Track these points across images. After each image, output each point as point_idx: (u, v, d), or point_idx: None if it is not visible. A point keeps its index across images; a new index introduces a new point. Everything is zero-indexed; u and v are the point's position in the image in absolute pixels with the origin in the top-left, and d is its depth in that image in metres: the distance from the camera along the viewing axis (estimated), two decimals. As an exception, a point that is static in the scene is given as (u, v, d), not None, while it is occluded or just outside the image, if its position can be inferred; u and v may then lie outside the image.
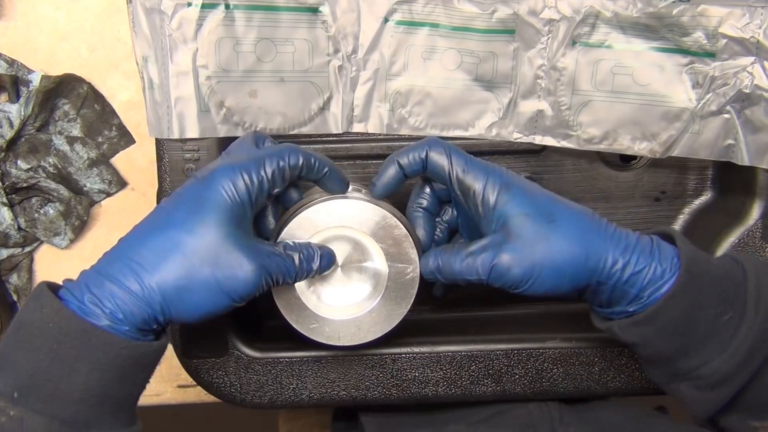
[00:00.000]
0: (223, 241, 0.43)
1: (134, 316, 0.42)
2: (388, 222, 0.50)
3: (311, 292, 0.51)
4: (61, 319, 0.40)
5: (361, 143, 0.60)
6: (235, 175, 0.44)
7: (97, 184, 0.67)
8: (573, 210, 0.48)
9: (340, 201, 0.50)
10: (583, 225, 0.47)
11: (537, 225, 0.46)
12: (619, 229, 0.48)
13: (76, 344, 0.40)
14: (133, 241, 0.44)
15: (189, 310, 0.43)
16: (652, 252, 0.46)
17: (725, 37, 0.55)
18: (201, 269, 0.43)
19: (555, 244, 0.46)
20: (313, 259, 0.48)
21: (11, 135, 0.64)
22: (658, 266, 0.46)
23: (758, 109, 0.56)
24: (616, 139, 0.59)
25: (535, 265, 0.46)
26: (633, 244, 0.47)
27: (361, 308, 0.51)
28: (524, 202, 0.47)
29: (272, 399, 0.59)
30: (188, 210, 0.44)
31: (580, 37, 0.57)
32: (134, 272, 0.42)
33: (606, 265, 0.46)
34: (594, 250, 0.46)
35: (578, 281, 0.47)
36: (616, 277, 0.46)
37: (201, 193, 0.44)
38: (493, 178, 0.48)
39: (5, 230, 0.66)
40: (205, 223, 0.43)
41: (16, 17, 0.63)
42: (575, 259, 0.46)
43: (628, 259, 0.46)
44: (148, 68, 0.55)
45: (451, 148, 0.49)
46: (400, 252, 0.50)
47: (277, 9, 0.55)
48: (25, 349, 0.40)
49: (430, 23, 0.57)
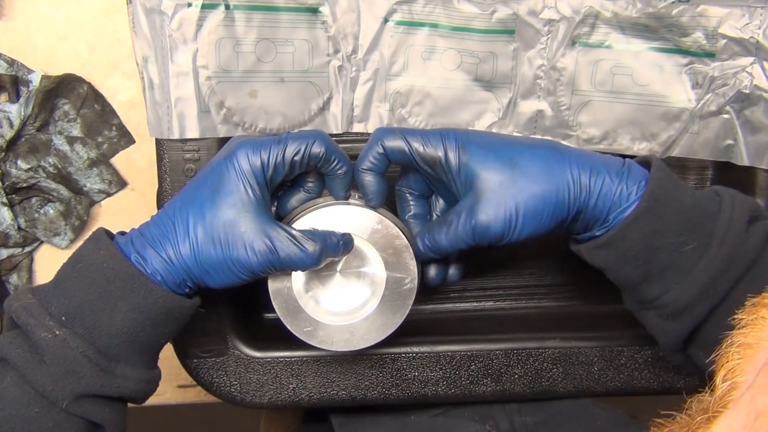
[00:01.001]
0: (236, 223, 0.46)
1: (169, 279, 0.47)
2: (389, 231, 0.50)
3: (309, 295, 0.51)
4: (114, 262, 0.45)
5: (361, 143, 0.60)
6: (255, 154, 0.47)
7: (97, 184, 0.67)
8: (533, 147, 0.48)
9: (343, 207, 0.50)
10: (545, 159, 0.47)
11: (501, 175, 0.47)
12: (583, 152, 0.48)
13: (122, 285, 0.45)
14: (171, 211, 0.48)
15: (211, 281, 0.48)
16: (621, 173, 0.47)
17: (725, 37, 0.55)
18: (216, 248, 0.47)
19: (522, 188, 0.47)
20: (337, 249, 0.49)
21: (11, 135, 0.64)
22: (624, 188, 0.46)
23: (758, 110, 0.56)
24: (615, 139, 0.59)
25: (510, 215, 0.47)
26: (599, 166, 0.47)
27: (357, 315, 0.51)
28: (483, 157, 0.47)
29: (272, 399, 0.59)
30: (211, 188, 0.47)
31: (580, 38, 0.57)
32: (168, 242, 0.47)
33: (576, 191, 0.46)
34: (561, 180, 0.47)
35: (557, 216, 0.47)
36: (586, 202, 0.47)
37: (223, 170, 0.47)
38: (449, 142, 0.48)
39: (5, 230, 0.66)
40: (223, 202, 0.47)
41: (16, 17, 0.63)
42: (546, 196, 0.46)
43: (594, 180, 0.46)
44: (148, 68, 0.55)
45: (403, 131, 0.49)
46: (400, 262, 0.50)
47: (277, 9, 0.55)
48: (79, 281, 0.46)
49: (430, 23, 0.57)
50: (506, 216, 0.46)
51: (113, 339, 0.45)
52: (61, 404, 0.44)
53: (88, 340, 0.45)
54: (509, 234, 0.47)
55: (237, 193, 0.47)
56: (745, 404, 0.31)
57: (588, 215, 0.47)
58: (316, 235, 0.48)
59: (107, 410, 0.46)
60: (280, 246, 0.46)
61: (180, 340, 0.58)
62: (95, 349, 0.45)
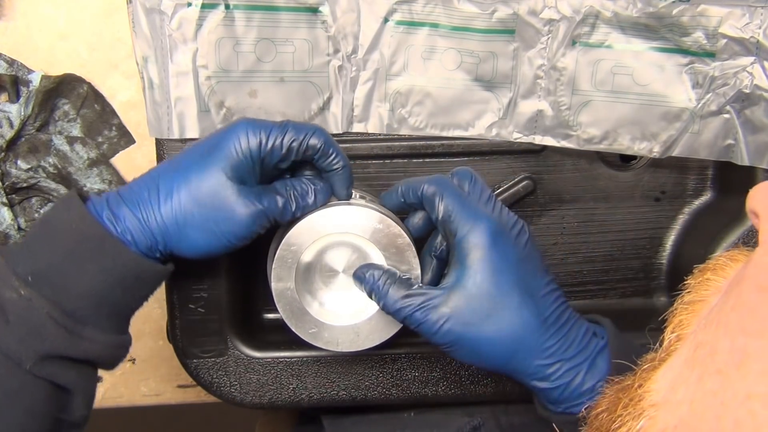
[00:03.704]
0: (223, 186, 0.46)
1: (140, 240, 0.46)
2: (391, 230, 0.50)
3: (312, 297, 0.51)
4: (82, 223, 0.45)
5: (361, 143, 0.60)
6: (253, 131, 0.47)
7: (97, 184, 0.67)
8: (516, 312, 0.47)
9: (345, 207, 0.50)
10: (517, 333, 0.46)
11: (477, 312, 0.46)
12: (559, 334, 0.47)
13: (91, 247, 0.45)
14: (154, 174, 0.48)
15: (189, 247, 0.48)
16: (586, 359, 0.47)
17: (725, 37, 0.55)
18: (200, 210, 0.47)
19: (480, 339, 0.46)
20: (307, 193, 0.49)
21: (11, 135, 0.64)
22: (587, 379, 0.46)
23: (758, 109, 0.56)
24: (615, 139, 0.59)
25: (457, 341, 0.47)
26: (565, 351, 0.47)
27: (361, 315, 0.51)
28: (482, 280, 0.46)
29: (272, 399, 0.59)
30: (201, 155, 0.48)
31: (580, 37, 0.57)
32: (145, 203, 0.46)
33: (527, 373, 0.47)
34: (518, 359, 0.47)
35: (501, 372, 0.48)
36: (547, 394, 0.47)
37: (218, 141, 0.48)
38: (474, 235, 0.47)
39: (5, 230, 0.65)
40: (211, 168, 0.47)
41: (16, 17, 0.63)
42: (497, 357, 0.47)
43: (552, 372, 0.46)
44: (148, 68, 0.55)
45: (446, 190, 0.48)
46: (403, 261, 0.50)
47: (277, 9, 0.55)
48: (47, 242, 0.45)
49: (430, 23, 0.57)
50: (452, 340, 0.47)
51: (80, 301, 0.45)
52: (26, 365, 0.43)
53: (54, 301, 0.44)
54: (445, 346, 0.47)
55: (228, 159, 0.47)
56: (685, 345, 0.33)
57: (551, 398, 0.47)
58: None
59: (74, 373, 0.45)
60: (264, 204, 0.47)
61: (180, 340, 0.58)
62: (61, 310, 0.44)
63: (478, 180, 0.50)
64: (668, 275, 0.65)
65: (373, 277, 0.49)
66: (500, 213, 0.48)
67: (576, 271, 0.65)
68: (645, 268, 0.65)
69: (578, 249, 0.65)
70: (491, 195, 0.49)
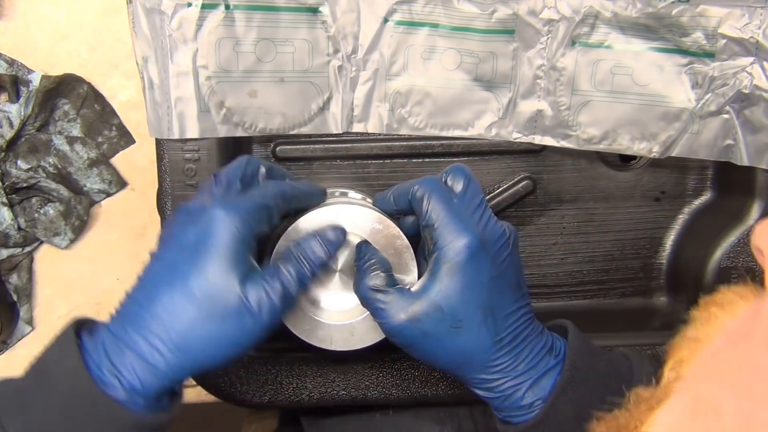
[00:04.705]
0: (228, 294, 0.42)
1: (151, 386, 0.42)
2: (390, 231, 0.50)
3: (309, 295, 0.51)
4: (77, 380, 0.41)
5: (361, 143, 0.60)
6: (238, 219, 0.43)
7: (97, 184, 0.67)
8: (474, 331, 0.47)
9: (344, 206, 0.50)
10: (470, 350, 0.47)
11: (438, 325, 0.46)
12: (510, 354, 0.47)
13: (86, 410, 0.40)
14: (145, 300, 0.43)
15: (208, 365, 0.43)
16: (531, 378, 0.47)
17: (724, 37, 0.55)
18: (210, 327, 0.42)
19: (436, 348, 0.47)
20: (316, 264, 0.47)
21: (11, 135, 0.64)
22: (527, 395, 0.46)
23: (757, 110, 0.56)
24: (615, 139, 0.59)
25: (411, 345, 0.47)
26: (511, 371, 0.47)
27: (356, 314, 0.51)
28: (450, 295, 0.46)
29: (272, 399, 0.59)
30: (191, 260, 0.43)
31: (580, 38, 0.57)
32: (152, 340, 0.42)
33: (471, 381, 0.48)
34: (465, 369, 0.47)
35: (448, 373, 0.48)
36: (476, 392, 0.48)
37: (201, 239, 0.43)
38: (452, 250, 0.46)
39: (5, 230, 0.66)
40: (209, 274, 0.42)
41: (16, 17, 0.63)
42: (447, 364, 0.48)
43: (494, 386, 0.47)
44: (148, 68, 0.55)
45: (434, 195, 0.47)
46: (400, 262, 0.50)
47: (277, 9, 0.55)
48: (41, 396, 0.41)
49: (430, 23, 0.57)
50: (409, 343, 0.47)
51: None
52: None
53: None
54: (403, 346, 0.48)
55: (222, 260, 0.42)
56: (687, 391, 0.31)
57: (492, 405, 0.48)
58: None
59: None
60: (277, 301, 0.44)
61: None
62: None
63: (471, 181, 0.49)
64: (668, 275, 0.65)
65: (365, 256, 0.49)
66: (486, 225, 0.47)
67: (576, 271, 0.65)
68: (645, 268, 0.65)
69: (578, 249, 0.65)
70: (482, 200, 0.48)
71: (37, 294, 0.68)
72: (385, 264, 0.49)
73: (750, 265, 0.59)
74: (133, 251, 0.68)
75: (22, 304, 0.67)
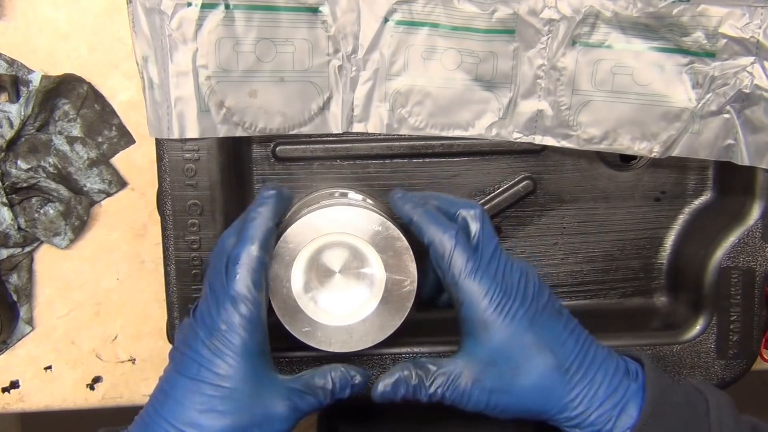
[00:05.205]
0: (255, 400, 0.45)
1: None
2: (390, 233, 0.50)
3: (308, 296, 0.51)
4: None
5: (361, 143, 0.60)
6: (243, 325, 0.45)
7: (97, 184, 0.67)
8: (536, 371, 0.46)
9: (345, 207, 0.50)
10: (541, 391, 0.46)
11: (498, 379, 0.46)
12: (584, 381, 0.46)
13: None
14: (158, 424, 0.44)
15: None
16: (616, 405, 0.46)
17: (725, 37, 0.55)
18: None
19: (509, 401, 0.47)
20: (347, 386, 0.48)
21: (11, 135, 0.64)
22: (617, 426, 0.45)
23: (758, 109, 0.56)
24: (616, 139, 0.59)
25: (487, 407, 0.47)
26: (591, 399, 0.46)
27: (355, 316, 0.51)
28: (495, 348, 0.46)
29: (272, 399, 0.59)
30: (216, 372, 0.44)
31: (580, 37, 0.57)
32: None
33: (560, 422, 0.47)
34: (548, 412, 0.47)
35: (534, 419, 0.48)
36: (575, 429, 0.47)
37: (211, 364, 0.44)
38: (479, 310, 0.46)
39: (5, 230, 0.66)
40: (235, 380, 0.44)
41: (16, 17, 0.63)
42: (528, 412, 0.47)
43: (581, 422, 0.46)
44: (148, 68, 0.55)
45: (456, 249, 0.47)
46: (400, 264, 0.50)
47: (277, 9, 0.55)
48: None
49: (430, 23, 0.57)
50: (485, 406, 0.47)
51: None
52: None
53: None
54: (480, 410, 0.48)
55: (243, 363, 0.45)
56: None
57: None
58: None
59: None
60: (301, 403, 0.46)
61: (180, 340, 0.58)
62: None
63: (484, 225, 0.48)
64: (668, 275, 0.65)
65: (406, 381, 0.49)
66: (504, 274, 0.47)
67: (576, 271, 0.65)
68: (645, 268, 0.65)
69: (578, 249, 0.65)
70: (496, 247, 0.48)
71: (37, 294, 0.68)
72: (416, 364, 0.49)
73: (750, 265, 0.59)
74: (133, 251, 0.68)
75: (22, 304, 0.67)
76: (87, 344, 0.69)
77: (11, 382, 0.68)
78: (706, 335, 0.60)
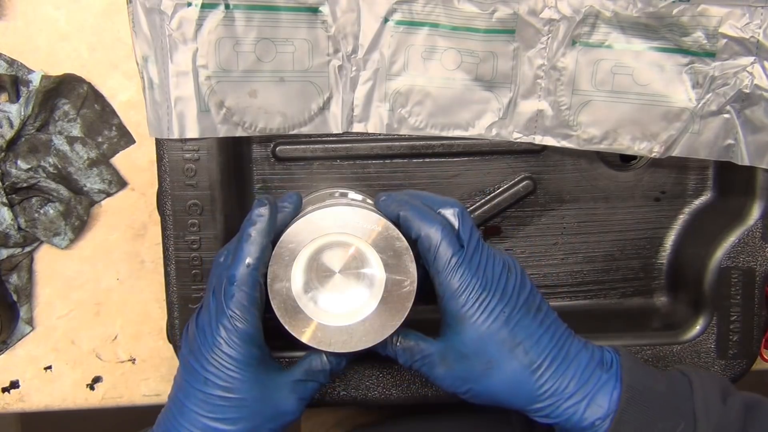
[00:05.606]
0: (264, 403, 0.48)
1: None
2: (390, 233, 0.50)
3: (308, 296, 0.51)
4: None
5: (361, 143, 0.60)
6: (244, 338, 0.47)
7: (97, 184, 0.67)
8: (507, 366, 0.47)
9: (344, 207, 0.50)
10: (512, 385, 0.47)
11: (470, 370, 0.48)
12: (555, 377, 0.47)
13: None
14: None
15: None
16: (585, 396, 0.47)
17: (725, 37, 0.55)
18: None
19: (479, 391, 0.48)
20: (342, 360, 0.51)
21: (11, 135, 0.64)
22: (586, 416, 0.46)
23: (758, 109, 0.56)
24: (616, 139, 0.59)
25: (461, 392, 0.49)
26: (561, 393, 0.47)
27: (355, 316, 0.51)
28: (467, 342, 0.47)
29: (272, 399, 0.59)
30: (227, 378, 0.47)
31: (580, 37, 0.57)
32: None
33: (529, 411, 0.48)
34: (517, 403, 0.48)
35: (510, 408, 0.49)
36: (537, 420, 0.48)
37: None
38: (459, 302, 0.47)
39: (5, 230, 0.65)
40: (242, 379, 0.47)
41: (16, 17, 0.63)
42: (497, 402, 0.48)
43: (550, 412, 0.47)
44: (148, 68, 0.55)
45: (442, 242, 0.48)
46: (400, 264, 0.50)
47: (277, 9, 0.55)
48: None
49: (430, 23, 0.57)
50: (462, 390, 0.49)
51: None
52: None
53: None
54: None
55: (248, 368, 0.47)
56: None
57: (557, 429, 0.48)
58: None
59: None
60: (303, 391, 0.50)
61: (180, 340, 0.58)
62: None
63: (464, 219, 0.49)
64: (668, 275, 0.65)
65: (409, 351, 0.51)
66: (485, 267, 0.48)
67: (576, 271, 0.65)
68: (645, 268, 0.65)
69: (578, 249, 0.65)
70: (477, 241, 0.49)
71: (37, 294, 0.68)
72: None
73: (750, 265, 0.59)
74: (133, 251, 0.68)
75: (22, 304, 0.67)
76: (87, 344, 0.69)
77: (11, 382, 0.68)
78: (706, 335, 0.60)
